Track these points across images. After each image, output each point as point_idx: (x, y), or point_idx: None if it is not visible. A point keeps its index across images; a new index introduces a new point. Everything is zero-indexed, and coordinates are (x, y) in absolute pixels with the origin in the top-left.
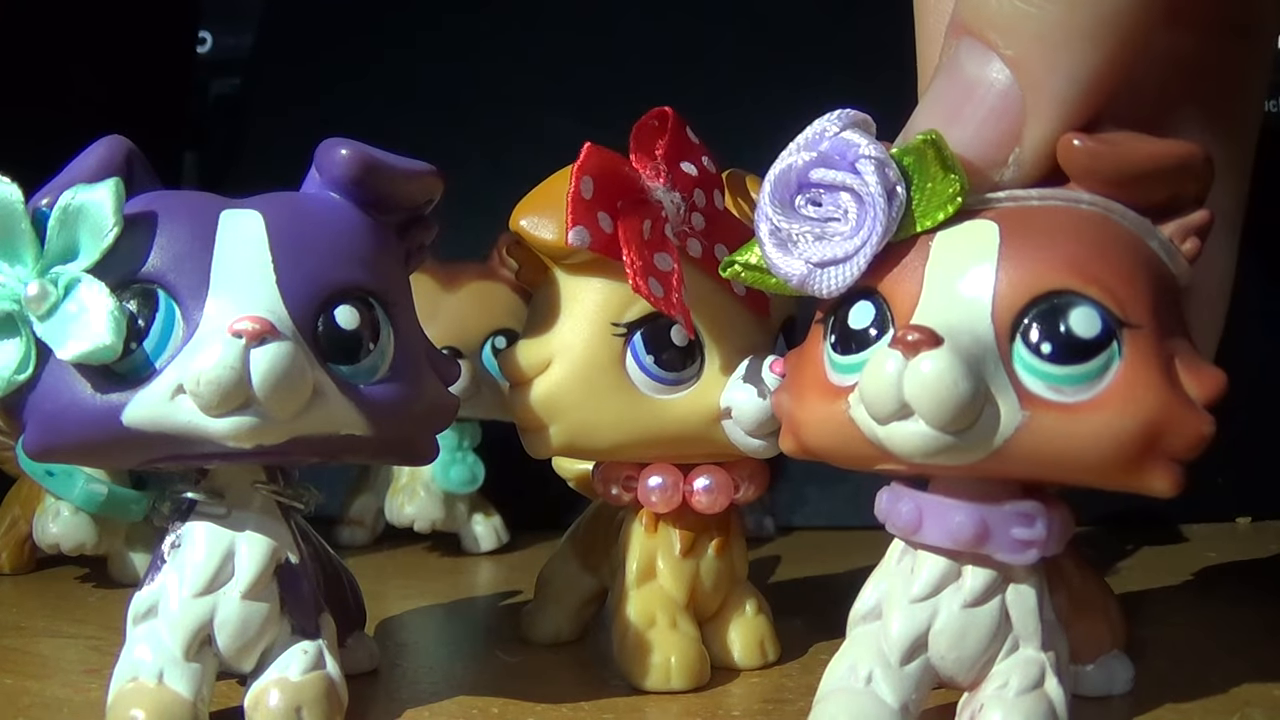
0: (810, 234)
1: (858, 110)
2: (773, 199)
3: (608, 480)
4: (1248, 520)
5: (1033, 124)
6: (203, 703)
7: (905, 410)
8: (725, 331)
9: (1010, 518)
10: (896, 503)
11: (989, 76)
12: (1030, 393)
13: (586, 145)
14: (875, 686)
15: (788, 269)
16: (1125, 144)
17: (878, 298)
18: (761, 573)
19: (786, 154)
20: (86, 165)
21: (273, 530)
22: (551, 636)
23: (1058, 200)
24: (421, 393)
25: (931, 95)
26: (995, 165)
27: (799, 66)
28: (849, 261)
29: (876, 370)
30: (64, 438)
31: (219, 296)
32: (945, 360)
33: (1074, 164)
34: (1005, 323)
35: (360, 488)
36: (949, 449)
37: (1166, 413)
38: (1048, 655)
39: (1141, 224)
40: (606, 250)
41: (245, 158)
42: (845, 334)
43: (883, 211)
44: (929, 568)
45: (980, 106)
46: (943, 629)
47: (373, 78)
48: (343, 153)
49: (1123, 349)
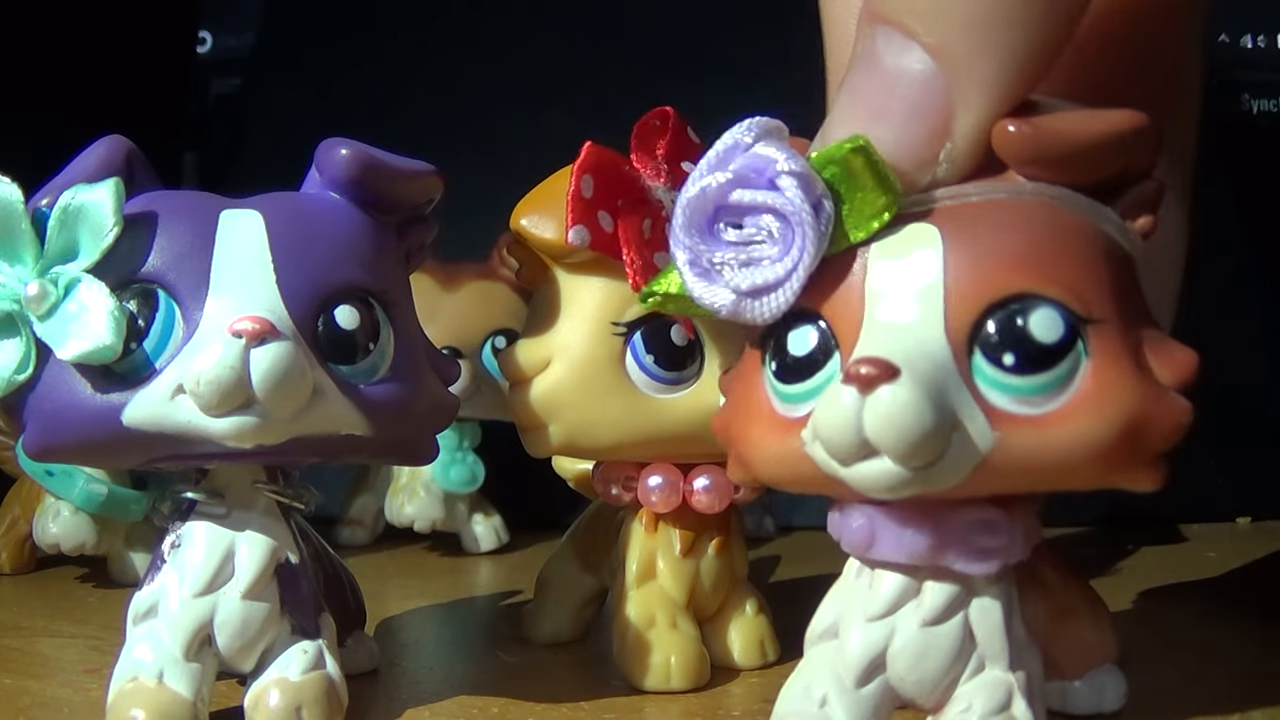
0: (734, 260)
1: (770, 117)
2: (689, 226)
3: (607, 480)
4: (1248, 520)
5: (963, 115)
6: (203, 703)
7: (868, 449)
8: (725, 332)
9: (969, 526)
10: (848, 518)
11: (911, 67)
12: (997, 409)
13: (587, 144)
14: (829, 710)
15: (714, 299)
16: (1064, 123)
17: (818, 320)
18: (761, 573)
19: (698, 175)
20: (86, 165)
21: (273, 530)
22: (551, 636)
23: (1000, 193)
24: (421, 393)
25: (849, 92)
26: (926, 164)
27: (800, 67)
28: (781, 287)
29: (832, 409)
30: (64, 438)
31: (219, 296)
32: (906, 393)
33: (1013, 151)
34: (961, 337)
35: (360, 488)
36: (918, 482)
37: (1142, 408)
38: (1016, 676)
39: (1091, 207)
40: (607, 249)
41: (245, 158)
42: (786, 360)
43: (811, 229)
44: (886, 583)
45: (904, 101)
46: (901, 649)
47: (372, 77)
48: (343, 153)
49: (1088, 348)
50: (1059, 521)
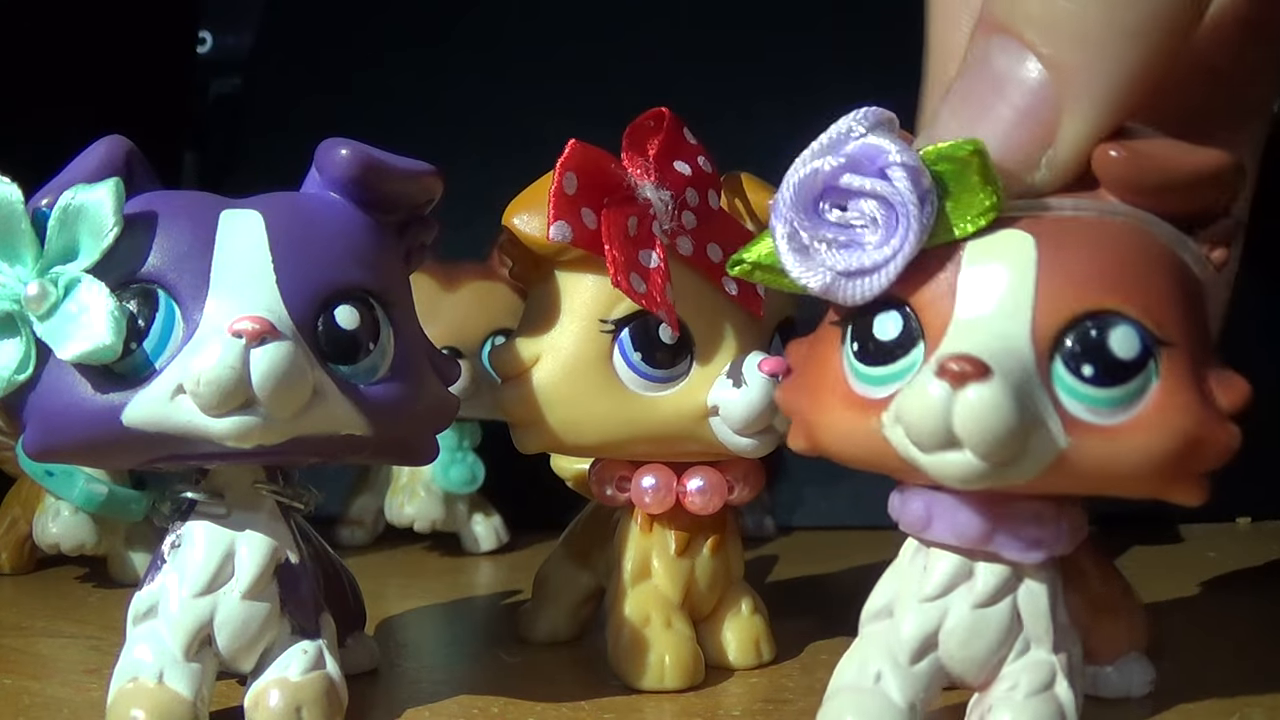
0: (834, 240)
1: (883, 109)
2: (795, 202)
3: (602, 480)
4: (1248, 520)
5: (1068, 125)
6: (203, 703)
7: (952, 441)
8: (716, 330)
9: (1020, 516)
10: (908, 500)
11: (1023, 75)
12: (1072, 416)
13: (571, 142)
14: (883, 685)
15: (808, 276)
16: (1164, 154)
17: (905, 308)
18: (761, 573)
19: (810, 156)
20: (86, 165)
21: (273, 530)
22: (549, 636)
23: (1093, 211)
24: (421, 393)
25: (959, 92)
26: (1027, 167)
27: (801, 65)
28: (879, 272)
29: (920, 398)
30: (64, 438)
31: (219, 296)
32: (995, 393)
33: (1111, 174)
34: (1045, 343)
35: (360, 488)
36: (992, 477)
37: (1200, 430)
38: (1059, 658)
39: (1174, 235)
40: (590, 246)
41: (245, 158)
42: (871, 344)
43: (915, 221)
44: (940, 566)
45: (1013, 106)
46: (953, 629)
47: (373, 77)
48: (343, 153)
49: (1159, 368)
50: None
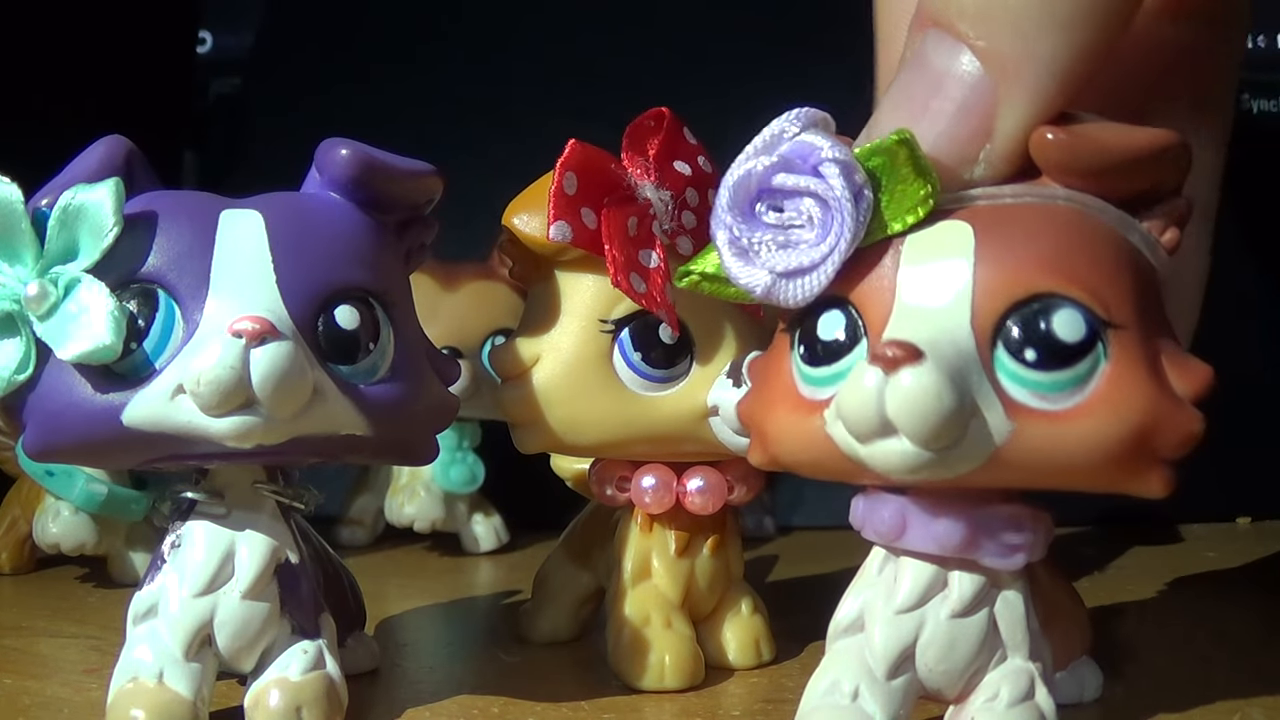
0: (772, 242)
1: (817, 109)
2: (731, 206)
3: (602, 480)
4: (1248, 520)
5: (1005, 117)
6: (203, 703)
7: (887, 428)
8: (716, 330)
9: (998, 522)
10: (877, 508)
11: (959, 69)
12: (1016, 402)
13: (571, 142)
14: (862, 703)
15: (750, 279)
16: (1101, 135)
17: (848, 306)
18: (761, 573)
19: (744, 158)
20: (86, 165)
21: (273, 530)
22: (549, 636)
23: (1033, 197)
24: (421, 393)
25: (897, 90)
26: (966, 162)
27: (802, 66)
28: (816, 270)
29: (855, 387)
30: (64, 438)
31: (219, 296)
32: (929, 376)
33: (1048, 158)
34: (986, 329)
35: (360, 488)
36: (934, 465)
37: (1155, 414)
38: (1035, 665)
39: (1120, 218)
40: (589, 245)
41: (245, 158)
42: (815, 345)
43: (850, 217)
44: (913, 577)
45: (950, 100)
46: (931, 640)
47: (373, 78)
48: (343, 153)
49: (1108, 350)
50: (1059, 521)
